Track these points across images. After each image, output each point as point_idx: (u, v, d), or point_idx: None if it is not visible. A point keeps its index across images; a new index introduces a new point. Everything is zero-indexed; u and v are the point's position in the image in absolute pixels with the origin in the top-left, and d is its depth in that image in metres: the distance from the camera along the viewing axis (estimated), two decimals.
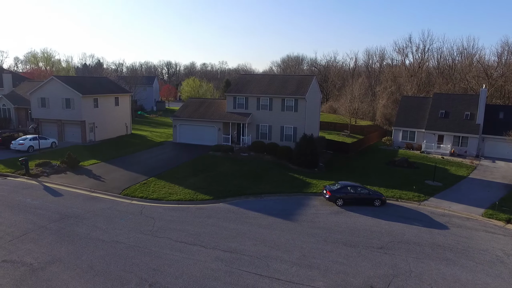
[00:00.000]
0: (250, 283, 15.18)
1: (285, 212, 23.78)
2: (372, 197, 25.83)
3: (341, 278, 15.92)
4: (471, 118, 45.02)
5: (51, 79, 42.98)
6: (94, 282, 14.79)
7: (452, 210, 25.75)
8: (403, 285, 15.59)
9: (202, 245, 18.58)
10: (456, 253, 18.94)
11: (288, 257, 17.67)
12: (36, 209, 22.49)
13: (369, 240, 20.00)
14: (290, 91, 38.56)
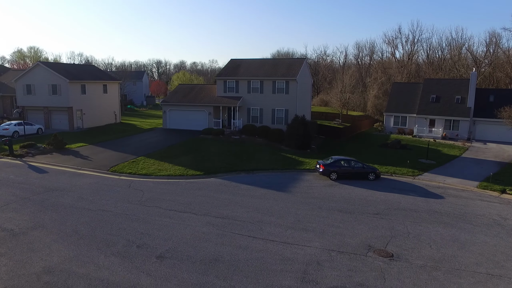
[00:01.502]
0: (243, 244, 14.59)
1: (278, 185, 23.24)
2: (366, 171, 25.41)
3: (338, 239, 15.41)
4: (461, 102, 45.03)
5: (37, 65, 41.90)
6: (78, 244, 14.04)
7: (447, 183, 25.48)
8: (401, 245, 15.14)
9: (192, 212, 17.92)
10: (453, 218, 18.59)
11: (282, 222, 17.11)
12: (19, 184, 21.60)
13: (365, 208, 19.56)
14: (281, 74, 38.07)
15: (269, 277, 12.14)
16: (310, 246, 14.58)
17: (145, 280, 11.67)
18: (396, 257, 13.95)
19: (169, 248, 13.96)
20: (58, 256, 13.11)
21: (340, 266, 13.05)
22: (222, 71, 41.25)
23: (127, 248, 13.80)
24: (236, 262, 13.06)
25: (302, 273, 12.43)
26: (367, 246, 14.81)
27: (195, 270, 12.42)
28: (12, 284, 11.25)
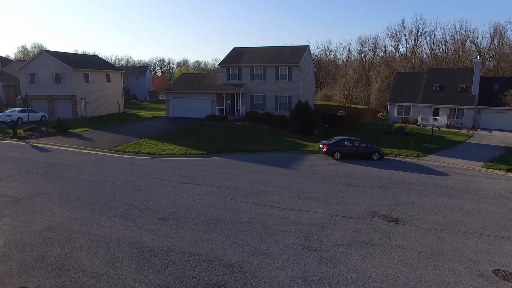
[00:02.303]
0: (246, 209, 14.49)
1: (281, 163, 23.12)
2: (370, 151, 25.25)
3: (342, 207, 15.27)
4: (466, 90, 44.71)
5: (41, 53, 41.98)
6: (80, 208, 13.99)
7: (452, 163, 25.27)
8: (406, 212, 14.98)
9: (195, 183, 17.84)
10: (458, 191, 18.40)
11: (286, 192, 17.00)
12: (22, 160, 21.61)
13: (369, 182, 19.41)
14: (284, 60, 37.95)
15: (273, 235, 12.03)
16: (314, 212, 14.45)
17: (147, 237, 11.59)
18: (401, 222, 13.81)
19: (171, 211, 13.88)
20: (60, 217, 13.06)
21: (345, 228, 12.92)
22: (225, 58, 41.18)
23: (130, 212, 13.73)
24: (239, 223, 12.96)
25: (306, 233, 12.31)
26: (372, 213, 14.67)
27: (197, 229, 12.33)
28: (15, 239, 11.20)
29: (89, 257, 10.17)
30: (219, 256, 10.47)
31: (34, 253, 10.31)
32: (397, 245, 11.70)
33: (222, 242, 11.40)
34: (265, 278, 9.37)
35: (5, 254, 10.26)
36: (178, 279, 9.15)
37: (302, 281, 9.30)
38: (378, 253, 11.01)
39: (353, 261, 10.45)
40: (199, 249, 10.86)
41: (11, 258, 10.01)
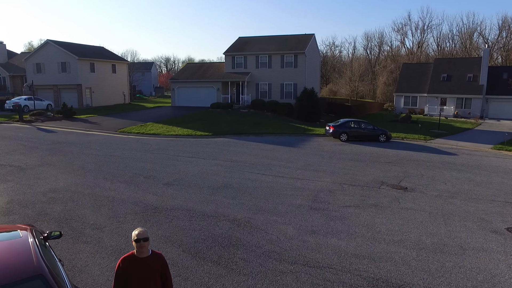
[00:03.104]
0: (251, 177, 14.28)
1: (287, 143, 22.90)
2: (376, 133, 24.93)
3: (349, 177, 15.01)
4: (474, 79, 44.16)
5: (47, 43, 42.07)
6: (85, 176, 13.86)
7: (460, 146, 24.86)
8: (415, 182, 14.68)
9: (201, 158, 17.67)
10: (467, 167, 18.04)
11: (292, 165, 16.77)
12: (28, 138, 21.59)
13: (376, 159, 19.12)
14: (290, 48, 37.70)
15: (279, 198, 11.81)
16: (321, 181, 14.20)
17: (152, 198, 11.43)
18: (410, 190, 13.52)
19: (176, 178, 13.72)
20: (64, 182, 12.95)
21: (353, 193, 12.67)
22: (230, 47, 41.00)
23: (134, 178, 13.58)
24: (245, 188, 12.76)
25: (313, 197, 12.07)
26: (380, 182, 14.39)
27: (202, 192, 12.15)
28: (18, 198, 11.09)
29: (92, 213, 10.02)
30: (225, 213, 10.28)
31: (37, 209, 10.18)
32: (406, 207, 11.43)
33: (227, 202, 11.20)
34: (271, 231, 9.16)
35: (8, 209, 10.14)
36: (182, 231, 8.97)
37: (310, 233, 9.08)
38: (388, 213, 10.75)
39: (361, 219, 10.20)
40: (204, 207, 10.68)
41: (14, 213, 9.90)
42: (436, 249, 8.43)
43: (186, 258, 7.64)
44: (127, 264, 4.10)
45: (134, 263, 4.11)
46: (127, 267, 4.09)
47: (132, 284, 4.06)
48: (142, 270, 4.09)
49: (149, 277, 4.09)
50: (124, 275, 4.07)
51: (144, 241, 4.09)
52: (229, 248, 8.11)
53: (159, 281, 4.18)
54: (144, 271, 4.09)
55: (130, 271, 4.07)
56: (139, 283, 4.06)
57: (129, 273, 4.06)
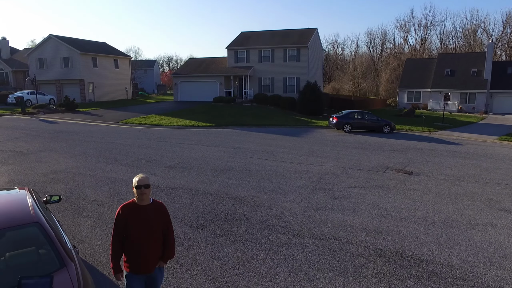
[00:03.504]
0: (255, 162, 14.11)
1: (290, 133, 22.74)
2: (380, 124, 24.72)
3: (354, 162, 14.81)
4: (478, 74, 43.84)
5: (49, 38, 42.05)
6: (86, 160, 13.73)
7: (465, 137, 24.61)
8: (420, 167, 14.47)
9: (203, 145, 17.53)
10: (473, 155, 17.81)
11: (295, 152, 16.60)
12: (30, 128, 21.52)
13: (381, 147, 18.92)
14: (292, 42, 37.51)
15: (283, 179, 11.64)
16: (325, 166, 14.02)
17: (154, 178, 11.27)
18: (415, 174, 13.31)
19: (178, 162, 13.57)
20: (66, 165, 12.82)
21: (358, 176, 12.48)
22: (233, 42, 40.85)
23: (136, 162, 13.45)
24: (248, 171, 12.60)
25: (317, 179, 11.89)
26: (385, 167, 14.19)
27: (205, 174, 12.00)
28: (19, 179, 10.97)
29: (93, 192, 9.88)
30: (228, 192, 10.12)
31: (37, 188, 10.02)
32: (412, 188, 11.23)
33: (230, 183, 11.04)
34: (275, 207, 8.99)
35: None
36: (185, 207, 8.81)
37: (315, 210, 8.90)
38: (394, 193, 10.56)
39: (367, 198, 10.02)
40: (207, 187, 10.52)
41: None
42: (444, 224, 8.24)
43: (189, 230, 7.48)
44: (127, 211, 3.94)
45: (134, 210, 3.95)
46: (127, 214, 3.92)
47: (132, 232, 3.90)
48: (142, 218, 3.92)
49: (150, 225, 3.93)
50: (124, 222, 3.91)
51: (145, 187, 3.92)
52: (232, 222, 7.95)
53: (160, 230, 4.01)
54: (145, 219, 3.93)
55: (130, 218, 3.91)
56: (139, 231, 3.89)
57: (129, 220, 3.90)
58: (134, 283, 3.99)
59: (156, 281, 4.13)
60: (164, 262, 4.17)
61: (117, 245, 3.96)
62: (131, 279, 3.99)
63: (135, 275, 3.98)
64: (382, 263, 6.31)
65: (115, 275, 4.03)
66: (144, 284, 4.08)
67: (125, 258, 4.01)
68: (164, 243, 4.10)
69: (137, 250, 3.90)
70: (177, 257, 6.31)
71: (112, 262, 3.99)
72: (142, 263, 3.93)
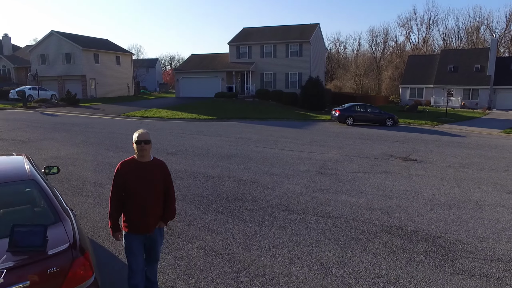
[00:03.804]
0: (257, 150, 13.97)
1: (292, 126, 22.62)
2: (383, 117, 24.57)
3: (357, 151, 14.66)
4: (481, 70, 43.57)
5: (51, 34, 42.03)
6: (87, 147, 13.62)
7: (469, 130, 24.41)
8: (425, 156, 14.29)
9: (205, 135, 17.40)
10: (477, 146, 17.63)
11: (298, 141, 16.45)
12: (31, 121, 21.44)
13: (384, 138, 18.76)
14: (294, 37, 37.37)
15: (286, 165, 11.50)
16: (328, 154, 13.87)
17: None
18: (420, 161, 13.13)
19: (180, 149, 13.45)
20: (66, 151, 12.71)
21: (361, 163, 12.32)
22: (235, 37, 40.73)
23: None
24: (250, 157, 12.47)
25: (320, 165, 11.74)
26: (388, 155, 14.03)
27: (207, 159, 11.87)
28: None
29: (93, 175, 9.77)
30: (230, 175, 9.99)
31: None
32: (417, 174, 11.07)
33: (232, 167, 10.91)
34: (278, 189, 8.84)
35: None
36: (186, 188, 8.68)
37: (318, 191, 8.75)
38: (398, 178, 10.40)
39: (371, 182, 9.86)
40: (209, 171, 10.39)
41: None
42: (451, 204, 8.08)
43: (190, 208, 7.35)
44: (126, 168, 3.80)
45: (134, 166, 3.81)
46: (126, 170, 3.79)
47: (131, 189, 3.76)
48: (142, 174, 3.78)
49: (150, 182, 3.79)
50: (123, 179, 3.77)
51: (145, 143, 3.78)
52: (235, 202, 7.81)
53: (160, 187, 3.87)
54: (145, 175, 3.79)
55: (129, 175, 3.77)
56: (138, 188, 3.75)
57: (128, 176, 3.76)
58: (133, 243, 3.85)
59: (155, 242, 3.99)
60: (164, 222, 4.03)
61: (116, 204, 3.83)
62: (130, 239, 3.85)
63: (134, 235, 3.84)
64: (389, 238, 6.16)
65: (114, 235, 3.89)
66: (143, 245, 3.95)
67: (124, 217, 3.88)
68: (165, 202, 3.97)
69: (137, 208, 3.76)
70: (178, 232, 6.18)
71: (111, 221, 3.85)
72: (141, 222, 3.79)
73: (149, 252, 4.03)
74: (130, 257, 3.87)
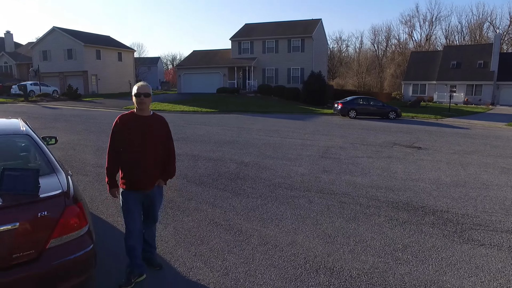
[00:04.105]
0: (259, 137, 13.81)
1: (295, 118, 22.43)
2: (386, 110, 24.38)
3: (360, 140, 14.48)
4: (484, 66, 43.30)
5: (53, 30, 42.00)
6: (88, 135, 13.51)
7: (473, 123, 24.19)
8: (429, 144, 14.09)
9: (207, 125, 17.26)
10: (482, 137, 17.41)
11: (301, 131, 16.30)
12: (32, 113, 21.37)
13: (387, 129, 18.57)
14: (297, 32, 37.19)
15: (288, 150, 11.34)
16: (331, 141, 13.70)
17: None
18: (424, 149, 12.95)
19: (181, 137, 13.31)
20: (67, 138, 12.60)
21: (365, 150, 12.14)
22: (236, 33, 40.57)
23: None
24: (252, 143, 12.32)
25: (324, 150, 11.58)
26: (392, 143, 13.85)
27: (208, 145, 11.73)
28: None
29: (93, 157, 9.64)
30: (232, 158, 9.84)
31: None
32: (422, 159, 10.89)
33: (234, 152, 10.77)
34: (281, 170, 8.69)
35: None
36: (187, 169, 8.54)
37: (322, 172, 8.59)
38: (403, 162, 10.23)
39: (376, 164, 9.69)
40: (210, 154, 10.26)
41: None
42: (457, 184, 7.91)
43: (191, 186, 7.20)
44: (124, 121, 3.65)
45: (133, 120, 3.65)
46: (125, 124, 3.63)
47: (130, 143, 3.60)
48: (141, 128, 3.62)
49: (149, 135, 3.63)
50: (121, 133, 3.61)
51: (145, 96, 3.63)
52: (236, 180, 7.66)
53: (160, 142, 3.72)
54: (144, 129, 3.62)
55: (127, 128, 3.61)
56: (137, 142, 3.59)
57: (127, 130, 3.60)
58: (130, 201, 3.69)
59: (154, 201, 3.84)
60: (164, 181, 3.88)
61: (113, 159, 3.67)
62: (127, 197, 3.70)
63: (132, 193, 3.69)
64: (395, 212, 5.99)
65: (110, 191, 3.74)
66: (141, 204, 3.79)
67: (121, 173, 3.72)
68: (164, 159, 3.82)
69: (135, 162, 3.61)
70: (178, 206, 6.04)
71: (108, 177, 3.70)
72: (140, 178, 3.63)
73: (147, 212, 3.88)
74: (128, 216, 3.72)
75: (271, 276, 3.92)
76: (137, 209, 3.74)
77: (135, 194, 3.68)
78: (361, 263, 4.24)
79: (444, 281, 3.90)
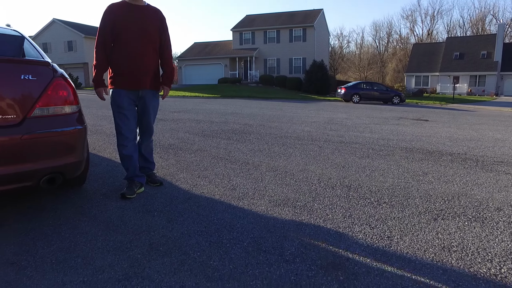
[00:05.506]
0: (260, 112, 13.48)
1: (297, 102, 22.09)
2: (390, 94, 24.05)
3: (365, 115, 14.13)
4: (488, 56, 42.90)
5: (53, 22, 41.73)
6: (86, 109, 13.18)
7: (478, 108, 23.84)
8: (436, 118, 13.73)
9: (208, 104, 16.93)
10: (489, 116, 17.05)
11: (303, 110, 15.99)
12: None
13: (392, 110, 18.23)
14: (298, 21, 36.85)
15: (293, 119, 11.02)
16: (335, 116, 13.36)
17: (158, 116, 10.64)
18: (431, 121, 12.60)
19: (183, 110, 13.02)
20: None
21: (371, 120, 11.81)
22: (238, 24, 40.27)
23: None
24: (254, 115, 12.02)
25: (327, 121, 11.24)
26: (398, 118, 13.50)
27: (211, 115, 11.41)
28: None
29: (92, 120, 9.30)
30: (234, 121, 9.55)
31: None
32: (430, 126, 10.55)
33: (237, 119, 10.46)
34: (286, 129, 8.37)
35: None
36: (189, 128, 8.24)
37: (329, 130, 8.25)
38: (410, 127, 9.90)
39: (384, 128, 9.36)
40: (213, 119, 9.96)
41: None
42: (471, 139, 7.57)
43: (193, 137, 6.88)
44: (116, 10, 3.25)
45: (125, 8, 3.26)
46: (116, 13, 3.23)
47: (122, 34, 3.21)
48: (135, 17, 3.24)
49: (143, 26, 3.25)
50: (112, 23, 3.21)
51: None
52: (241, 134, 7.34)
53: (155, 35, 3.33)
54: (138, 18, 3.25)
55: (119, 18, 3.21)
56: (129, 34, 3.20)
57: (118, 20, 3.20)
58: (122, 102, 3.33)
59: (148, 104, 3.45)
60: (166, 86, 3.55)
61: (102, 53, 3.28)
62: (119, 96, 3.34)
63: (124, 92, 3.33)
64: (410, 153, 5.67)
65: (97, 90, 3.39)
66: (133, 105, 3.43)
67: (111, 71, 3.36)
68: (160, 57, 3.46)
69: (127, 57, 3.24)
70: (181, 147, 5.71)
71: (95, 73, 3.33)
72: (133, 75, 3.27)
73: (141, 118, 3.52)
74: (120, 119, 3.37)
75: (283, 191, 3.60)
76: (131, 113, 3.40)
77: (127, 93, 3.35)
78: (380, 183, 3.92)
79: (473, 194, 3.57)
